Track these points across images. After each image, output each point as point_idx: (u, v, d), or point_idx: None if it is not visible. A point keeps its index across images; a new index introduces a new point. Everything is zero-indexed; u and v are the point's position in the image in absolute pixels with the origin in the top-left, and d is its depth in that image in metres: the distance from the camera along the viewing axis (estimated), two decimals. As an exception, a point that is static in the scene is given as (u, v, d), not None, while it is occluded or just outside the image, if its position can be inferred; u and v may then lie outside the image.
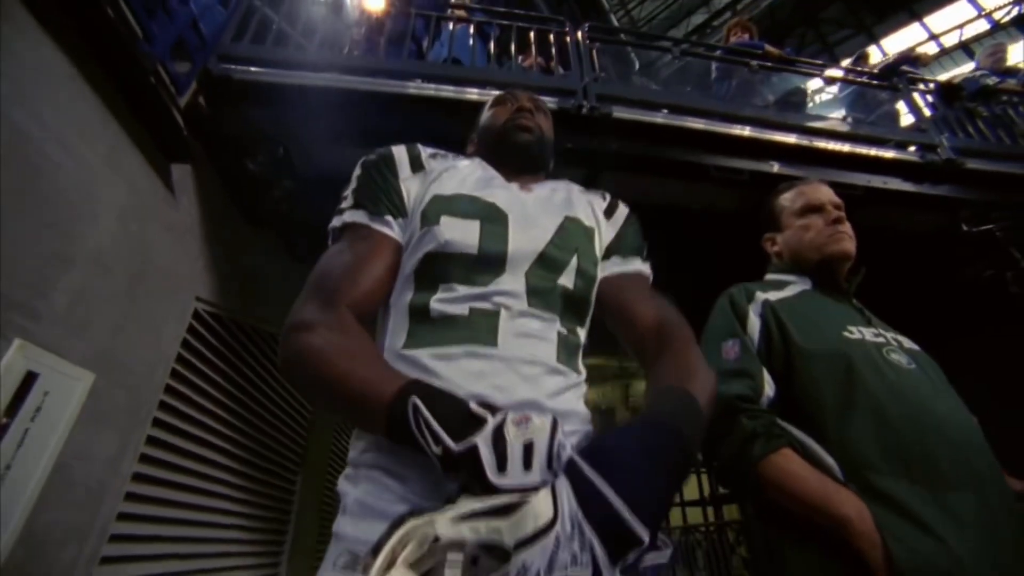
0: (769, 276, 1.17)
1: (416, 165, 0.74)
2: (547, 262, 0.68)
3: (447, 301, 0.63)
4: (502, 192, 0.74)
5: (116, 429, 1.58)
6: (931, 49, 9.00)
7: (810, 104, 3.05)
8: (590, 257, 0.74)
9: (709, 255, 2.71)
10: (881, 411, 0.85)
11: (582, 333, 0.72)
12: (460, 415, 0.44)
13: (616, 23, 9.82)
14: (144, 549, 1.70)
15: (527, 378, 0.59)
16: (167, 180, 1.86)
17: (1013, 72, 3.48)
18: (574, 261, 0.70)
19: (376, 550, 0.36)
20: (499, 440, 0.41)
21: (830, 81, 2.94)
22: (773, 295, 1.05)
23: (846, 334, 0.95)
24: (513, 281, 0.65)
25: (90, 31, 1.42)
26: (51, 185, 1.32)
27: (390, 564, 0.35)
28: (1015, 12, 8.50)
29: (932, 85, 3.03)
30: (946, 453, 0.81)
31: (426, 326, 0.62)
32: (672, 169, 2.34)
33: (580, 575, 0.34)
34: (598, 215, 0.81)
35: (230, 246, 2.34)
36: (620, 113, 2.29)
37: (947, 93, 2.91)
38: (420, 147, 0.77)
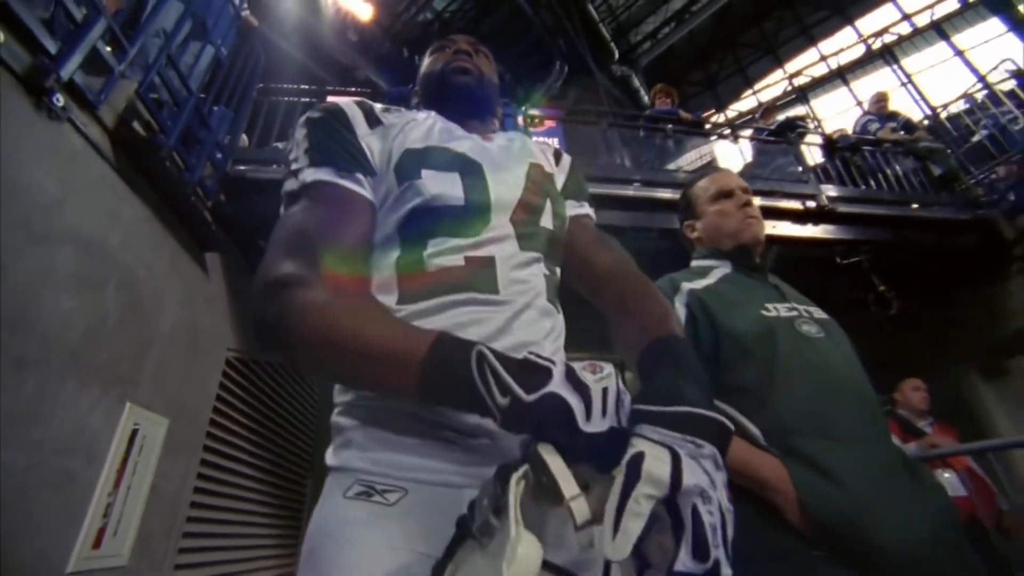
0: (694, 263, 1.23)
1: (372, 121, 0.70)
2: (527, 207, 0.69)
3: (440, 254, 0.61)
4: (467, 142, 0.73)
5: (183, 457, 2.19)
6: (904, 29, 9.14)
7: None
8: (558, 199, 0.76)
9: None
10: (795, 379, 0.91)
11: (558, 272, 0.73)
12: (522, 364, 0.42)
13: (594, 13, 10.01)
14: (205, 543, 2.32)
15: (527, 322, 0.61)
16: (203, 265, 2.45)
17: (894, 116, 4.15)
18: (548, 204, 0.72)
19: (498, 511, 0.36)
20: (581, 387, 0.39)
21: (735, 139, 3.57)
22: (698, 283, 1.10)
23: (764, 312, 1.01)
24: (501, 228, 0.65)
25: (155, 179, 2.00)
26: (141, 294, 1.91)
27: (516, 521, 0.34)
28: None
29: (820, 139, 3.69)
30: (850, 411, 0.89)
31: (419, 280, 0.60)
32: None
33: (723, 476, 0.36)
34: (551, 161, 0.83)
35: (248, 299, 2.92)
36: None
37: (830, 146, 3.57)
38: (369, 102, 0.73)
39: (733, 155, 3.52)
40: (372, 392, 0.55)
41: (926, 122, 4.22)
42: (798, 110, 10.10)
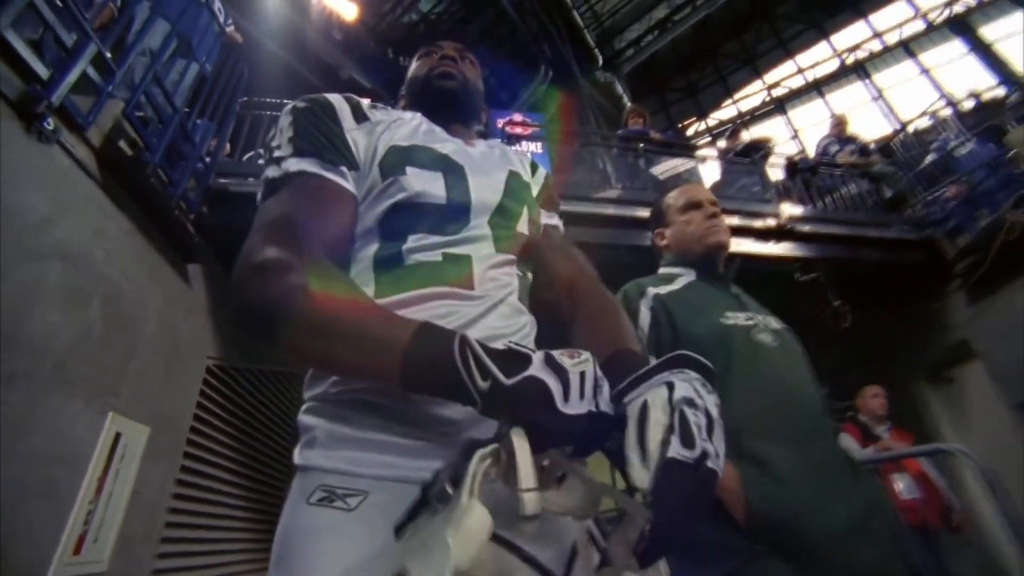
0: (661, 270, 1.29)
1: (359, 116, 0.71)
2: (504, 212, 0.71)
3: (419, 249, 0.63)
4: (451, 145, 0.75)
5: (163, 463, 2.25)
6: (875, 47, 9.58)
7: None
8: (534, 207, 0.78)
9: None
10: (747, 384, 0.97)
11: (530, 276, 0.75)
12: (503, 352, 0.43)
13: (579, 19, 10.12)
14: (185, 548, 2.38)
15: (499, 315, 0.62)
16: (185, 276, 2.51)
17: (853, 139, 4.41)
18: (525, 210, 0.74)
19: (455, 481, 0.37)
20: (559, 370, 0.40)
21: (702, 159, 3.76)
22: (664, 289, 1.15)
23: (723, 320, 1.07)
24: (479, 229, 0.67)
25: (141, 195, 2.07)
26: (124, 306, 1.98)
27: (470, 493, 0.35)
28: (946, 14, 8.86)
29: (784, 161, 3.90)
30: (796, 415, 0.96)
31: (396, 273, 0.61)
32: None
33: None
34: (528, 171, 0.86)
35: (227, 308, 2.98)
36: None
37: (790, 168, 3.78)
38: (356, 97, 0.74)
39: (712, 168, 3.72)
40: (352, 378, 0.55)
41: (899, 137, 4.48)
42: (776, 120, 10.47)
